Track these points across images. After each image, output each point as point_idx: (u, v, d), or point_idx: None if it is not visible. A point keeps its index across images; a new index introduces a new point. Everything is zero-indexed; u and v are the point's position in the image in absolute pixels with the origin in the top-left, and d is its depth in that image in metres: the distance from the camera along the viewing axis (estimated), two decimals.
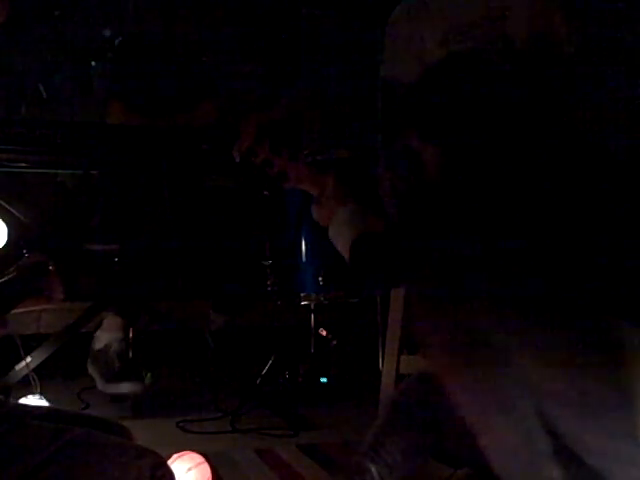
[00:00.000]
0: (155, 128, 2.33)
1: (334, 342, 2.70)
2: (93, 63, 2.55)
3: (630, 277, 0.97)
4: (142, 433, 1.81)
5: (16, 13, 2.88)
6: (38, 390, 2.04)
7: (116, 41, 2.58)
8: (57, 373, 2.50)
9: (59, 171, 2.68)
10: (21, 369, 2.17)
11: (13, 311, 1.28)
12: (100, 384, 2.33)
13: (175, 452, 1.48)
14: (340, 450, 1.91)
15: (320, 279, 2.54)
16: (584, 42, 1.19)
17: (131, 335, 2.45)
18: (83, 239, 2.40)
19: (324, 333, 2.69)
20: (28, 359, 2.11)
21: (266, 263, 2.61)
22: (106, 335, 2.39)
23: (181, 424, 2.11)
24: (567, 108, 1.14)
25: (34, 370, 2.18)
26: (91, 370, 2.39)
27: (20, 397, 1.96)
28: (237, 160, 2.39)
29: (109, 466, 0.98)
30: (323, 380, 2.52)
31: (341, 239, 1.38)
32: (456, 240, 1.03)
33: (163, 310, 2.63)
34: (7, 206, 2.26)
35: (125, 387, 2.28)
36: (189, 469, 1.43)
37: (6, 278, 1.24)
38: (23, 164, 2.32)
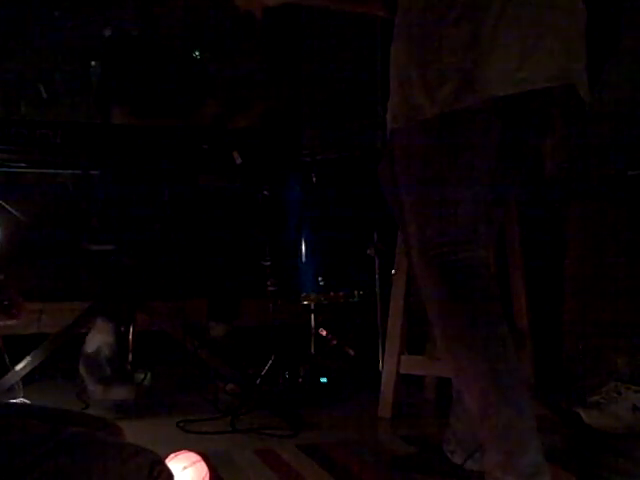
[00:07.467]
0: (155, 128, 2.33)
1: (334, 342, 2.69)
2: (93, 63, 2.55)
3: None
4: (142, 433, 1.81)
5: (16, 14, 2.88)
6: (21, 395, 2.04)
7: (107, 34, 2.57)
8: (57, 373, 2.49)
9: (59, 171, 2.68)
10: (13, 374, 2.16)
11: None
12: (91, 387, 2.30)
13: (174, 452, 1.47)
14: (340, 450, 1.90)
15: (320, 279, 2.53)
16: None
17: (131, 336, 2.44)
18: (83, 239, 2.40)
19: (324, 333, 2.68)
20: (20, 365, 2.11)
21: (266, 263, 2.60)
22: (97, 338, 2.35)
23: (181, 424, 2.11)
24: None
25: (33, 371, 2.18)
26: (82, 372, 2.35)
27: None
28: (238, 161, 2.40)
29: (107, 463, 0.98)
30: (323, 380, 2.51)
31: None
32: None
33: (163, 310, 2.63)
34: (7, 206, 2.26)
35: (116, 393, 2.25)
36: (185, 467, 1.43)
37: None
38: (23, 164, 2.32)
